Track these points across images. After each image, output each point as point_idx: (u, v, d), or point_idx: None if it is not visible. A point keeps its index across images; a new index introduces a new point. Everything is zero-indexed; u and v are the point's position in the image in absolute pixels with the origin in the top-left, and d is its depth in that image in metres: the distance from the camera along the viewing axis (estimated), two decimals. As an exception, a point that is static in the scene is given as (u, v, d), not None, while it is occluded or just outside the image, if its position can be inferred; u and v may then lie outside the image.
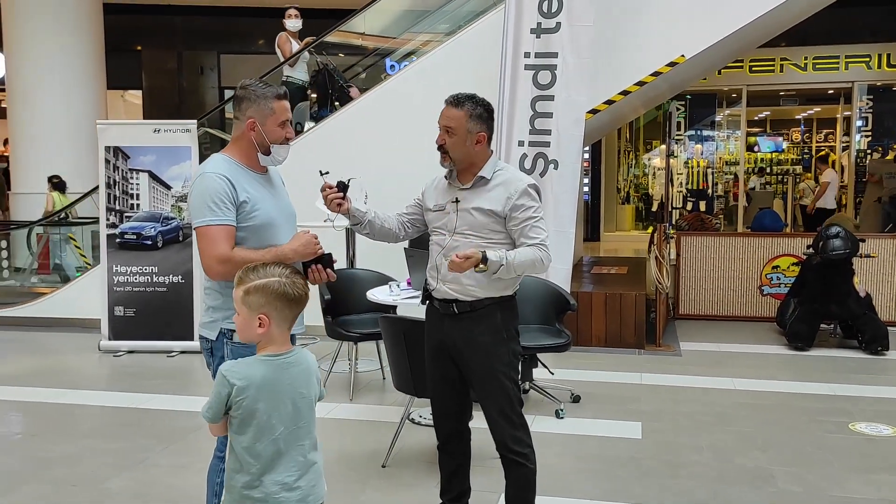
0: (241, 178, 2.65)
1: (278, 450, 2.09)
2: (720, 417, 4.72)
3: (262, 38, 15.94)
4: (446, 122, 2.91)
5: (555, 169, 5.97)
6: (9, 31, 11.02)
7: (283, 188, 2.89)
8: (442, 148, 2.92)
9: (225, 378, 2.07)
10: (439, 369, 3.03)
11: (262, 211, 2.65)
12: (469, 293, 2.88)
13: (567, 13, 5.84)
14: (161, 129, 6.34)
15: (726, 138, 17.02)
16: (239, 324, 2.14)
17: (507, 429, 2.92)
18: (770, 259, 7.68)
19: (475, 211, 2.89)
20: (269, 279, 2.11)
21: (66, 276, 8.83)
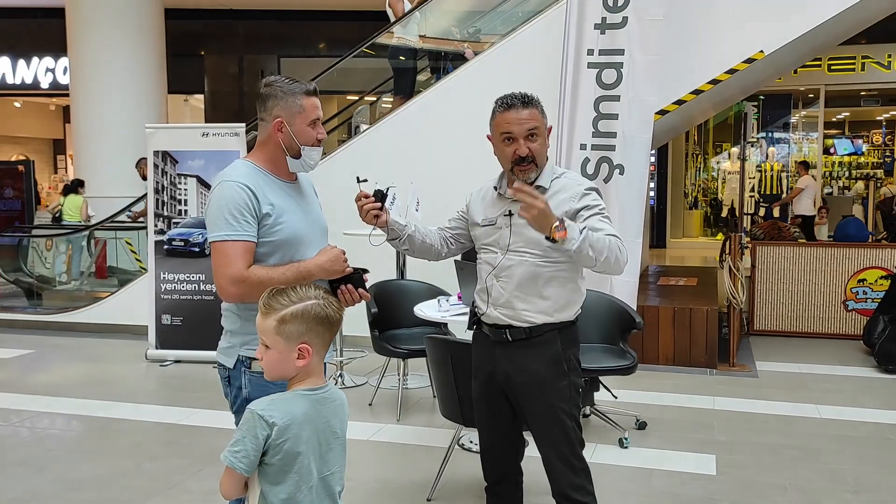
0: (265, 187, 2.37)
1: (316, 500, 1.81)
2: (805, 451, 4.24)
3: (321, 41, 15.94)
4: (527, 125, 2.51)
5: (620, 174, 5.55)
6: (73, 38, 11.20)
7: (316, 199, 2.59)
8: (526, 159, 2.51)
9: (261, 419, 1.75)
10: (489, 405, 2.69)
11: (287, 224, 2.36)
12: (524, 319, 2.54)
13: (634, 7, 5.42)
14: (209, 132, 6.16)
15: (801, 140, 16.26)
16: (271, 359, 1.83)
17: (567, 475, 2.59)
18: (856, 272, 7.07)
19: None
20: (307, 303, 1.82)
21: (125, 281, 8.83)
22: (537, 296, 2.55)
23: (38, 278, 9.12)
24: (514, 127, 2.50)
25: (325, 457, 1.83)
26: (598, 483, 2.69)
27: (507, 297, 2.56)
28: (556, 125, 5.70)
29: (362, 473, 3.86)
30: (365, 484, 3.77)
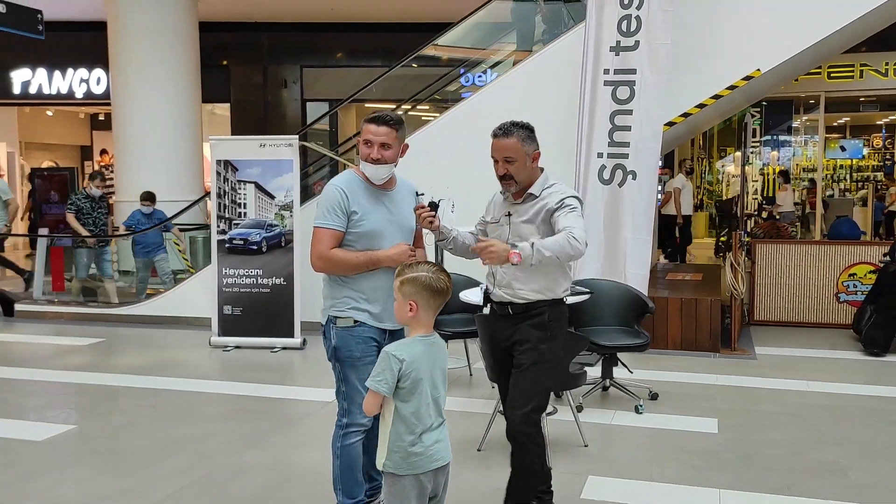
0: (358, 192, 3.18)
1: (431, 413, 2.55)
2: (795, 417, 4.96)
3: (340, 52, 16.64)
4: (504, 153, 3.21)
5: (633, 179, 6.28)
6: (114, 49, 11.86)
7: (407, 204, 3.30)
8: (505, 176, 3.23)
9: (394, 356, 2.51)
10: (501, 364, 3.40)
11: (368, 221, 3.16)
12: (521, 296, 3.24)
13: (646, 31, 6.16)
14: (266, 143, 6.93)
15: (804, 144, 16.87)
16: (396, 308, 2.64)
17: (524, 418, 3.18)
18: (847, 266, 7.78)
19: (526, 224, 3.25)
20: (419, 273, 2.58)
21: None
22: (531, 279, 3.21)
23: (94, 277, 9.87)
24: (495, 153, 3.24)
25: (435, 383, 2.57)
26: (612, 443, 3.43)
27: (508, 280, 3.25)
28: (575, 136, 6.45)
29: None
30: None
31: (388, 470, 2.55)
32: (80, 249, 9.21)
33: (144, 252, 9.07)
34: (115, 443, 4.60)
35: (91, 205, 9.25)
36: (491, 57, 8.80)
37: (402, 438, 2.52)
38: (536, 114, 6.70)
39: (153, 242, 9.17)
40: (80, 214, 9.13)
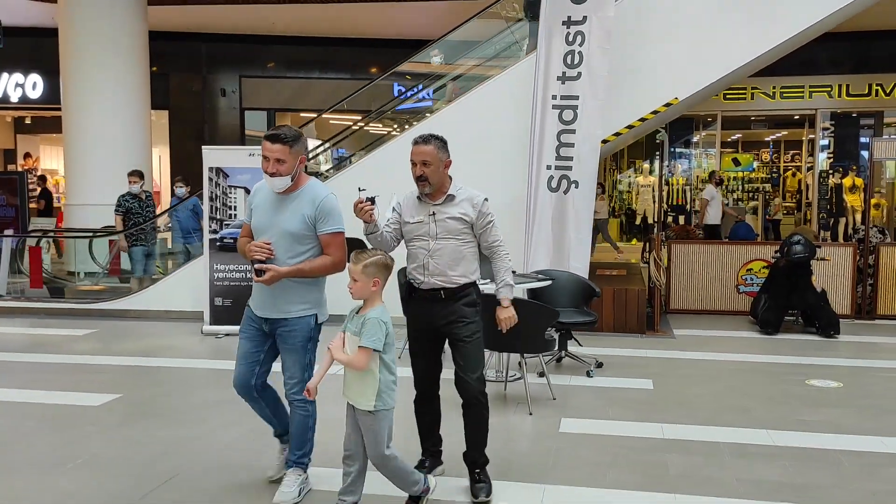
0: (260, 193, 3.80)
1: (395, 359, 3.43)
2: (711, 377, 6.25)
3: (277, 63, 17.32)
4: (422, 157, 3.73)
5: (576, 188, 7.48)
6: (65, 56, 12.13)
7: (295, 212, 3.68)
8: (422, 177, 3.74)
9: (381, 321, 3.28)
10: (422, 344, 3.89)
11: (254, 219, 3.78)
12: (453, 282, 3.78)
13: (587, 64, 7.37)
14: (255, 153, 7.76)
15: (702, 157, 18.65)
16: (359, 288, 3.33)
17: (477, 383, 3.77)
18: (745, 263, 9.24)
19: (450, 220, 3.75)
20: (377, 256, 3.36)
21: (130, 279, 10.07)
22: (460, 265, 3.76)
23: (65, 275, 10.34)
24: (415, 157, 3.77)
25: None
26: (573, 397, 4.54)
27: (441, 269, 3.74)
28: (528, 150, 7.60)
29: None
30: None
31: (380, 408, 3.32)
32: (136, 248, 9.29)
33: (184, 238, 9.38)
34: (158, 406, 5.40)
35: (139, 204, 9.36)
36: (455, 71, 9.75)
37: (388, 378, 3.33)
38: (494, 130, 7.94)
39: (191, 228, 9.41)
40: (130, 215, 9.22)
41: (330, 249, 3.72)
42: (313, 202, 3.70)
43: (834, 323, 7.89)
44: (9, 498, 3.81)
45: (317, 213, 3.69)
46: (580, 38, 7.35)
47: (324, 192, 3.76)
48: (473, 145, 7.81)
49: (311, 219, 3.69)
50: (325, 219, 3.70)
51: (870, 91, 15.29)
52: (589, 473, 4.14)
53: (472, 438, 3.85)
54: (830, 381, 6.09)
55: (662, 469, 4.20)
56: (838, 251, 9.06)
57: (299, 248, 3.69)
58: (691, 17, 7.75)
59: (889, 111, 15.78)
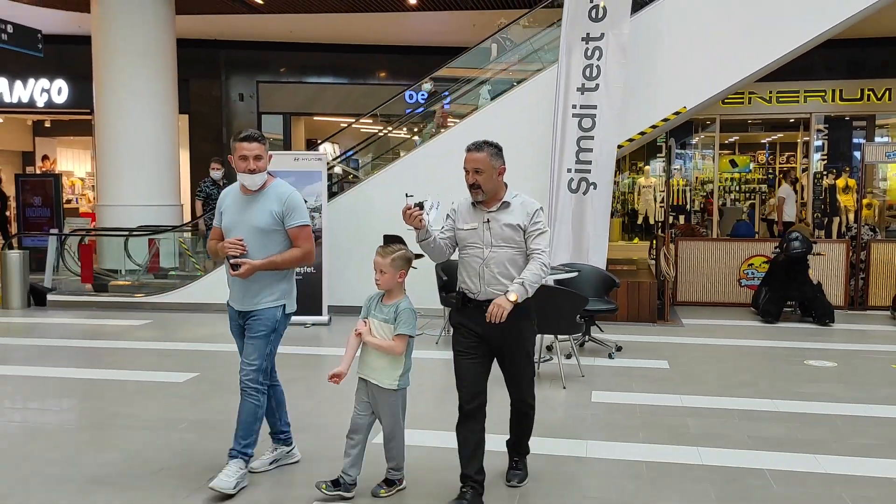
0: (229, 196, 4.01)
1: None
2: (719, 358, 6.98)
3: (293, 68, 18.01)
4: (475, 164, 3.67)
5: (594, 189, 8.20)
6: (98, 63, 12.74)
7: (263, 208, 3.90)
8: (474, 185, 3.69)
9: (413, 310, 3.70)
10: (473, 355, 3.72)
11: (224, 219, 4.01)
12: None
13: (604, 77, 8.10)
14: (300, 158, 8.47)
15: (702, 158, 19.36)
16: (386, 279, 3.67)
17: (528, 392, 3.89)
18: (746, 258, 9.98)
19: (505, 227, 3.67)
20: (403, 250, 3.68)
21: (182, 276, 10.75)
22: (516, 272, 3.66)
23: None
24: (467, 164, 3.71)
25: None
26: (599, 375, 5.27)
27: (496, 278, 3.64)
28: (550, 155, 8.31)
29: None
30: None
31: (402, 386, 3.72)
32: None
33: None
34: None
35: (218, 190, 9.57)
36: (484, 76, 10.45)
37: (411, 362, 3.75)
38: (519, 136, 8.67)
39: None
40: (209, 200, 9.51)
41: (299, 242, 3.97)
42: (280, 198, 3.93)
43: (829, 312, 8.62)
44: (138, 450, 4.52)
45: (284, 209, 3.92)
46: (598, 53, 8.08)
47: (289, 190, 4.01)
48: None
49: (278, 215, 3.91)
50: (292, 213, 3.93)
51: (862, 96, 15.99)
52: (622, 433, 4.86)
53: (517, 431, 4.01)
54: (826, 361, 6.82)
55: (684, 429, 4.92)
56: (833, 248, 9.80)
57: (269, 242, 3.91)
58: (698, 34, 8.47)
59: (881, 114, 16.49)
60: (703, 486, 4.00)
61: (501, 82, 9.83)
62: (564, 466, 4.30)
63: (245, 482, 3.95)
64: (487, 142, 3.76)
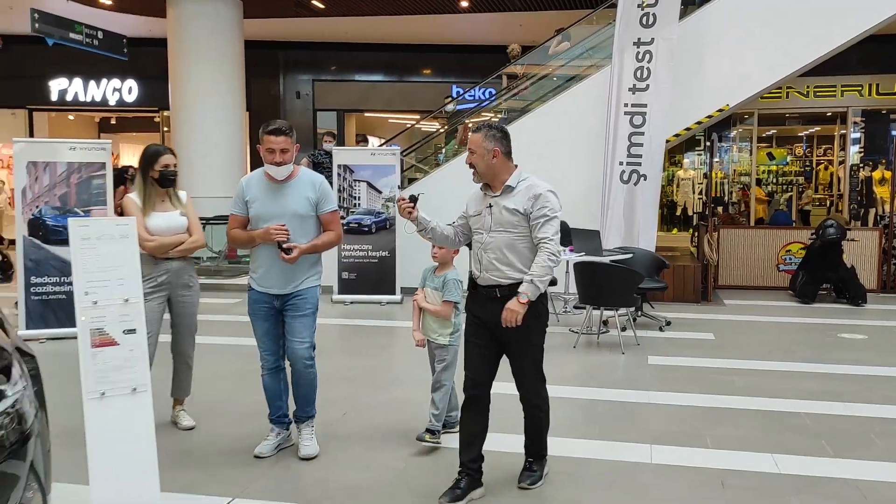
0: (254, 185, 4.08)
1: None
2: (759, 331, 7.77)
3: (346, 67, 18.96)
4: (470, 145, 3.63)
5: (644, 181, 8.98)
6: (174, 66, 13.77)
7: (299, 195, 4.04)
8: (471, 165, 3.65)
9: (460, 281, 4.19)
10: (478, 341, 3.70)
11: (254, 208, 4.07)
12: (508, 277, 3.57)
13: (654, 78, 8.87)
14: (376, 152, 9.37)
15: (739, 151, 19.89)
16: (442, 254, 4.16)
17: (534, 386, 3.72)
18: (784, 245, 10.68)
19: (505, 211, 3.55)
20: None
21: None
22: (515, 260, 3.56)
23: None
24: (468, 144, 3.68)
25: None
26: (651, 344, 6.11)
27: (493, 263, 3.56)
28: (603, 149, 9.11)
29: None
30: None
31: (453, 343, 4.25)
32: None
33: None
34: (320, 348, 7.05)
35: (329, 159, 9.94)
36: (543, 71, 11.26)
37: (460, 323, 4.17)
38: (575, 131, 9.45)
39: None
40: (320, 169, 9.92)
41: (332, 226, 4.16)
42: (313, 185, 4.10)
43: (862, 294, 9.32)
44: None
45: (318, 196, 4.09)
46: (648, 56, 8.86)
47: (319, 177, 4.20)
48: (556, 143, 9.39)
49: (313, 201, 4.07)
50: (325, 199, 4.13)
51: (898, 90, 16.48)
52: (678, 387, 5.69)
53: (527, 431, 3.85)
54: (858, 334, 7.57)
55: (731, 385, 5.74)
56: (866, 235, 10.46)
57: (306, 227, 4.07)
58: (741, 37, 9.19)
59: (916, 108, 16.95)
60: (749, 422, 4.84)
61: (560, 77, 10.66)
62: (630, 409, 5.15)
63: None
64: (488, 124, 3.75)
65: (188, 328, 4.70)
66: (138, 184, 4.57)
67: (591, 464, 4.16)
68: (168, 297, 4.59)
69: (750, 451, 4.33)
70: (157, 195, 4.56)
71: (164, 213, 4.53)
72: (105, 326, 2.91)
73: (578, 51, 10.59)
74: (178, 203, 4.64)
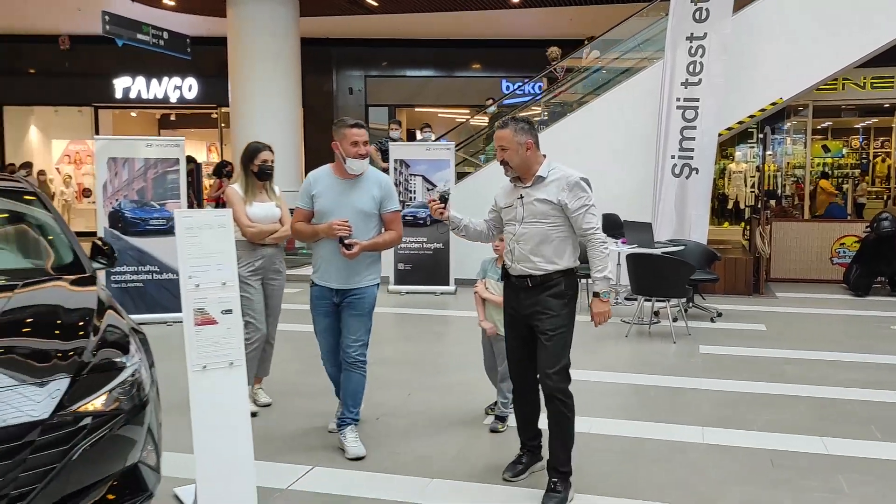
0: (322, 180, 4.14)
1: None
2: (811, 323, 7.86)
3: (397, 63, 19.29)
4: (499, 142, 3.60)
5: (696, 174, 9.09)
6: (234, 64, 14.24)
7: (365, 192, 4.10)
8: (503, 162, 3.62)
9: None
10: (515, 332, 3.76)
11: (320, 202, 4.12)
12: (540, 268, 3.56)
13: (707, 73, 8.97)
14: (431, 147, 9.66)
15: (793, 144, 19.68)
16: (502, 246, 3.76)
17: (557, 381, 3.57)
18: (838, 238, 10.66)
19: (536, 202, 3.55)
20: None
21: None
22: (548, 251, 3.54)
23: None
24: (495, 141, 3.67)
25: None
26: (703, 334, 6.32)
27: (525, 255, 3.56)
28: (655, 143, 9.24)
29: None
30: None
31: (501, 334, 4.11)
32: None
33: None
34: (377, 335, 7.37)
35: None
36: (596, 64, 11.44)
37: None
38: (626, 125, 9.59)
39: None
40: (385, 155, 10.21)
41: (394, 225, 4.20)
42: (379, 184, 4.16)
43: (917, 287, 9.30)
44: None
45: (383, 194, 4.15)
46: (701, 51, 8.96)
47: (385, 177, 4.28)
48: (608, 137, 9.56)
49: (377, 199, 4.13)
50: (389, 198, 4.18)
51: (956, 80, 16.12)
52: (730, 374, 5.86)
53: (552, 438, 3.65)
54: (911, 327, 7.62)
55: (781, 373, 5.89)
56: (922, 227, 10.36)
57: (369, 224, 4.13)
58: (795, 31, 9.22)
59: (976, 98, 16.56)
60: (799, 408, 5.00)
61: (612, 70, 10.81)
62: (681, 394, 5.35)
63: None
64: (515, 118, 3.74)
65: (273, 310, 5.01)
66: (240, 176, 4.92)
67: (645, 443, 4.38)
68: (261, 281, 4.91)
69: (799, 434, 4.50)
70: (255, 187, 4.89)
71: (262, 203, 4.85)
72: (206, 307, 3.24)
73: (631, 44, 10.73)
74: (273, 195, 4.96)
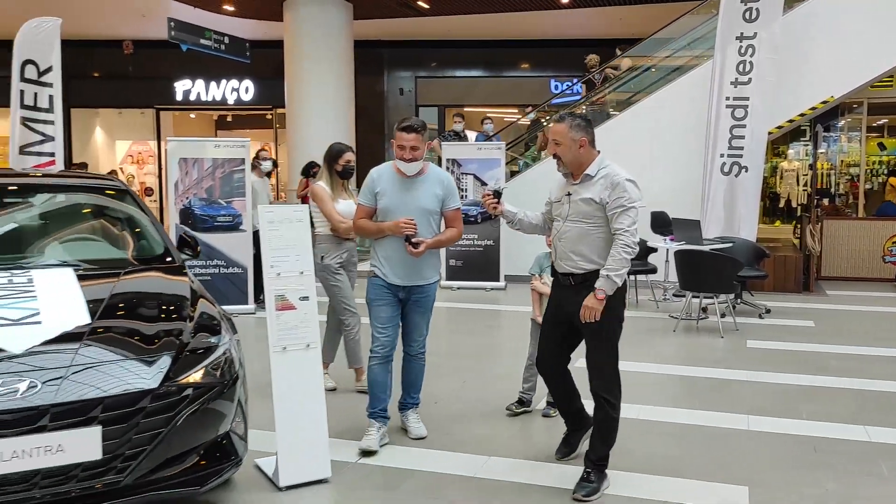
0: (385, 177, 4.18)
1: None
2: (859, 320, 7.93)
3: (447, 64, 19.58)
4: (553, 136, 3.59)
5: (745, 172, 9.17)
6: (290, 65, 14.63)
7: (427, 191, 4.14)
8: (555, 156, 3.62)
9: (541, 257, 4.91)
10: (554, 326, 3.80)
11: (383, 200, 4.14)
12: (580, 267, 3.56)
13: (756, 72, 9.05)
14: (482, 147, 9.93)
15: (848, 142, 19.38)
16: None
17: (604, 378, 3.60)
18: (890, 236, 10.60)
19: (581, 201, 3.54)
20: None
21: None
22: (587, 250, 3.53)
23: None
24: (549, 136, 3.70)
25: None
26: (751, 330, 6.45)
27: (566, 252, 3.57)
28: (704, 141, 9.36)
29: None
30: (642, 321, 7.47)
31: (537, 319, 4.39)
32: None
33: None
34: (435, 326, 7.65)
35: (458, 139, 10.89)
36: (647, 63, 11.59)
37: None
38: (675, 124, 9.72)
39: None
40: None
41: (455, 222, 4.26)
42: (442, 182, 4.22)
43: (972, 286, 9.23)
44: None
45: (445, 192, 4.20)
46: (751, 51, 9.04)
47: (447, 174, 4.34)
48: (656, 135, 9.70)
49: (440, 197, 4.18)
50: (451, 197, 4.24)
51: None
52: (777, 368, 5.99)
53: (595, 432, 3.70)
54: (963, 324, 7.62)
55: (827, 367, 6.01)
56: (979, 226, 10.27)
57: (432, 222, 4.19)
58: (846, 29, 9.24)
59: None
60: (844, 399, 5.14)
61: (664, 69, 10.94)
62: (728, 385, 5.52)
63: None
64: (571, 113, 3.78)
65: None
66: (325, 176, 5.25)
67: (692, 429, 4.59)
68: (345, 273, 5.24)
69: (843, 423, 4.65)
70: (338, 185, 5.22)
71: (345, 200, 5.18)
72: (286, 293, 3.57)
73: (684, 42, 10.85)
74: (350, 193, 5.29)
